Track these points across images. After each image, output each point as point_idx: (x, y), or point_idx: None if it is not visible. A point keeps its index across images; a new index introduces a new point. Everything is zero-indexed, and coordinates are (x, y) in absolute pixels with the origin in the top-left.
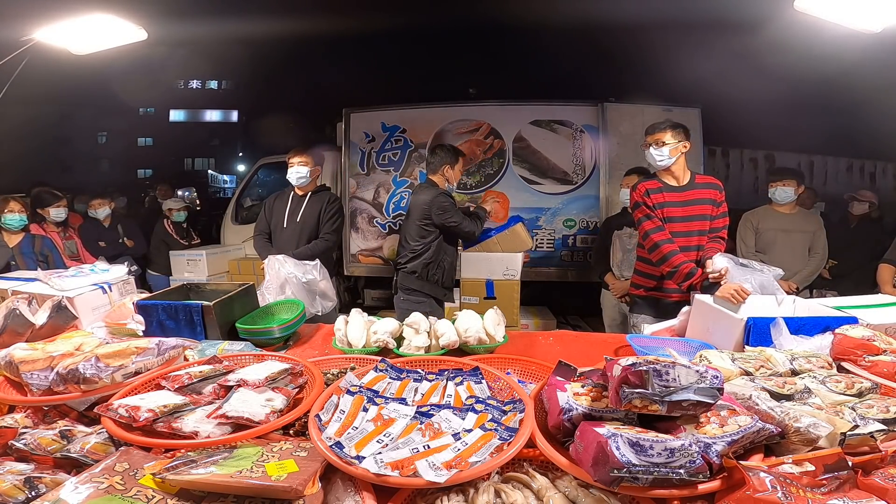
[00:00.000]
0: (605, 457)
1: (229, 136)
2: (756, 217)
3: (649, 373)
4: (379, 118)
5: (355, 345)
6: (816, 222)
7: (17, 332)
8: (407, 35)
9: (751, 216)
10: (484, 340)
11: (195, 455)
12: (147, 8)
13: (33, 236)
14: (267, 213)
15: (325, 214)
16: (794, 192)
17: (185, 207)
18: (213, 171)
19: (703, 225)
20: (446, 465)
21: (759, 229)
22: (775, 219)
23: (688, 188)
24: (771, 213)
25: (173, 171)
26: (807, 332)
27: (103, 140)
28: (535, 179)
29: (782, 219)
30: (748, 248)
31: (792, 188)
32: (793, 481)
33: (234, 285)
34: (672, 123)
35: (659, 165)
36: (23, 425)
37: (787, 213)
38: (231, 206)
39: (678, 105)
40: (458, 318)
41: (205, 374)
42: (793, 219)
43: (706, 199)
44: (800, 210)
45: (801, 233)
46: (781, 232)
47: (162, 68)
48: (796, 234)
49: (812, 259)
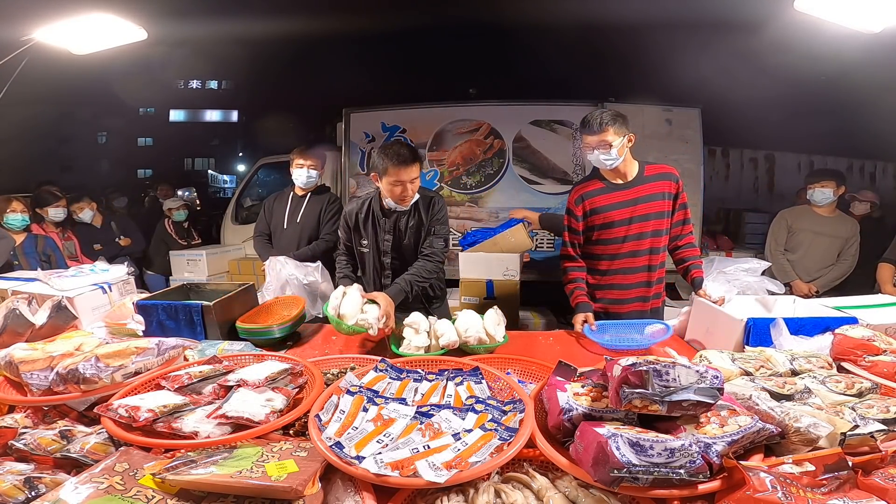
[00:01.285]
0: (605, 457)
1: (229, 136)
2: (792, 216)
3: (649, 373)
4: (379, 118)
5: (345, 319)
6: (852, 228)
7: (17, 332)
8: (407, 35)
9: (787, 214)
10: (484, 340)
11: (195, 455)
12: (147, 8)
13: (35, 236)
14: (266, 213)
15: (326, 215)
16: (832, 193)
17: (185, 207)
18: (213, 171)
19: (658, 224)
20: (446, 466)
21: (793, 229)
22: (810, 220)
23: (635, 184)
24: (807, 213)
25: (173, 171)
26: (807, 333)
27: (103, 140)
28: (535, 179)
29: (817, 221)
30: (778, 246)
31: (830, 189)
32: (793, 481)
33: (234, 285)
34: (612, 117)
35: (608, 168)
36: (23, 425)
37: (824, 215)
38: (231, 206)
39: (678, 105)
40: (458, 318)
41: (205, 374)
42: (828, 222)
43: (657, 193)
44: (839, 214)
45: (833, 237)
46: (813, 234)
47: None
48: (827, 238)
49: (838, 265)
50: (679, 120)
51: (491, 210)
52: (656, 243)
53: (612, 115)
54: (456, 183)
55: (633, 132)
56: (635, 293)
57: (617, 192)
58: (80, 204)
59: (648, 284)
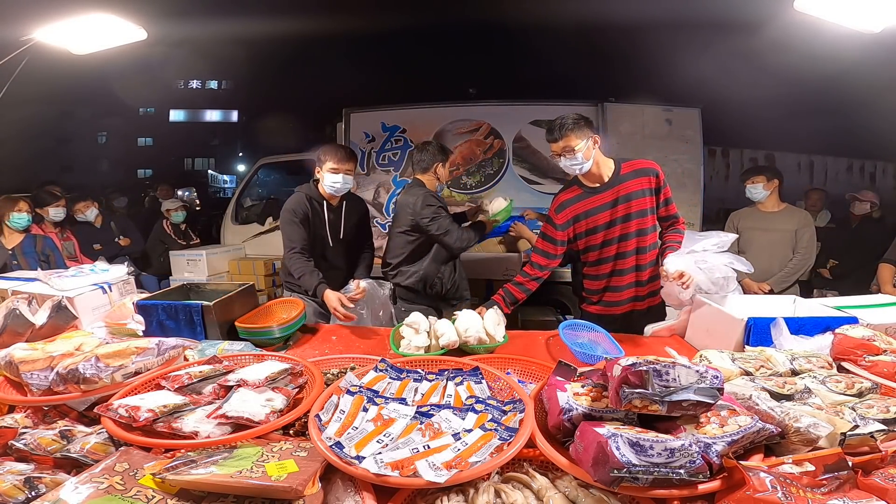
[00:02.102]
0: (605, 457)
1: (229, 136)
2: (738, 217)
3: (649, 373)
4: (379, 118)
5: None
6: (801, 220)
7: (17, 332)
8: (407, 35)
9: (734, 216)
10: (484, 340)
11: (195, 455)
12: (147, 8)
13: (35, 236)
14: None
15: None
16: (763, 187)
17: (184, 208)
18: (213, 171)
19: (641, 223)
20: (446, 466)
21: (740, 228)
22: (755, 218)
23: (612, 185)
24: (753, 212)
25: (173, 171)
26: (807, 332)
27: (103, 140)
28: (535, 179)
29: (762, 218)
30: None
31: (761, 184)
32: (793, 481)
33: (234, 285)
34: (572, 122)
35: (578, 174)
36: (23, 425)
37: (769, 211)
38: (231, 206)
39: (678, 105)
40: (459, 318)
41: (205, 374)
42: (774, 217)
43: (636, 192)
44: (786, 208)
45: (781, 231)
46: (759, 231)
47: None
48: (775, 234)
49: (794, 259)
50: (679, 120)
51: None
52: (642, 242)
53: (573, 120)
54: (456, 183)
55: (633, 131)
56: (628, 294)
57: (594, 196)
58: (85, 203)
59: (640, 284)
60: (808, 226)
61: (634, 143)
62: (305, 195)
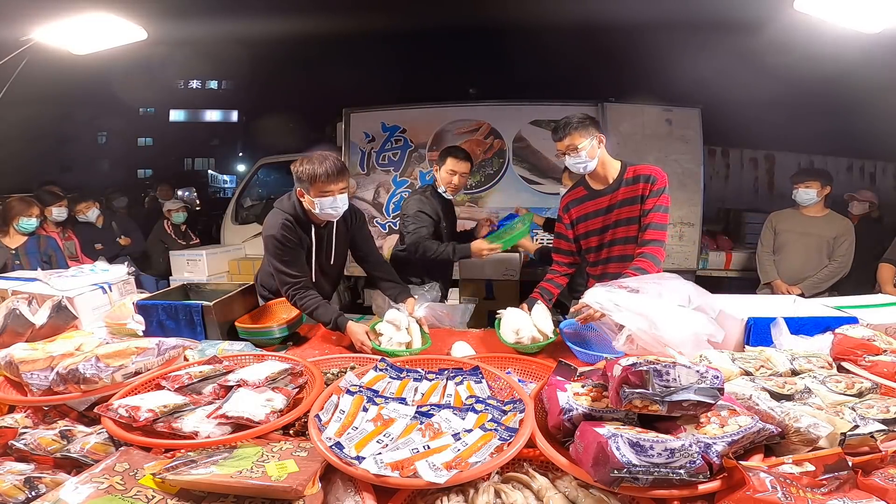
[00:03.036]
0: (605, 457)
1: (229, 136)
2: (777, 218)
3: (650, 373)
4: (379, 118)
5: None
6: (842, 228)
7: (17, 332)
8: (407, 35)
9: (773, 217)
10: (537, 339)
11: (195, 455)
12: (147, 8)
13: (38, 236)
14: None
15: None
16: (816, 193)
17: (184, 209)
18: (213, 171)
19: (627, 231)
20: (446, 466)
21: (778, 230)
22: (795, 221)
23: (612, 189)
24: (793, 214)
25: (173, 171)
26: (807, 332)
27: (103, 140)
28: (535, 179)
29: (803, 221)
30: (765, 248)
31: (815, 189)
32: (793, 481)
33: (234, 285)
34: (577, 121)
35: (583, 172)
36: (23, 425)
37: (810, 215)
38: (231, 206)
39: (678, 105)
40: (505, 318)
41: (205, 374)
42: (815, 222)
43: (629, 199)
44: (829, 214)
45: (819, 237)
46: (797, 234)
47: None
48: (812, 239)
49: (829, 265)
50: (679, 120)
51: (491, 210)
52: (626, 251)
53: (579, 119)
54: None
55: (633, 131)
56: None
57: (595, 199)
58: (87, 203)
59: None
60: (847, 234)
61: (634, 143)
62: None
